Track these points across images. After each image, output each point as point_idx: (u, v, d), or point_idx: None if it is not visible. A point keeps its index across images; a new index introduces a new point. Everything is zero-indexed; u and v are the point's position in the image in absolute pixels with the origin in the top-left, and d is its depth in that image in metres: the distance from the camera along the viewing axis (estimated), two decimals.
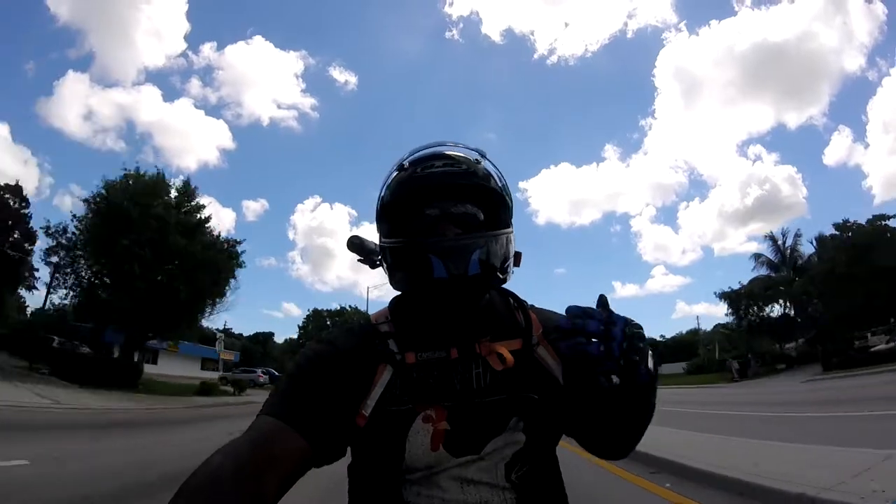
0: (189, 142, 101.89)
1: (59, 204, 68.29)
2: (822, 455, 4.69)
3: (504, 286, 0.87)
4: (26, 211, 26.29)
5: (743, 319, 37.98)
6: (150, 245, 19.91)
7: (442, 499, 0.77)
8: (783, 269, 36.11)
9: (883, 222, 28.53)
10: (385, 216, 0.85)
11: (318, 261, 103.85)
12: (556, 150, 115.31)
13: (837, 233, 30.63)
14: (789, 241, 36.76)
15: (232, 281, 23.90)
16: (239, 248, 24.07)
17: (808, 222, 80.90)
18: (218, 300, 24.10)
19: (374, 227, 0.90)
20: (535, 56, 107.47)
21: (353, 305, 55.31)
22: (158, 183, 22.06)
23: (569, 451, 1.00)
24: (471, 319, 0.83)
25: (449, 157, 0.85)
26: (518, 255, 0.88)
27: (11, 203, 25.60)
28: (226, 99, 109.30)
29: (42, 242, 23.97)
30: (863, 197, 76.40)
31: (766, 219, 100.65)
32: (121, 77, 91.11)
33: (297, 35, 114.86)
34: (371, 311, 0.98)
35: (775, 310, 36.44)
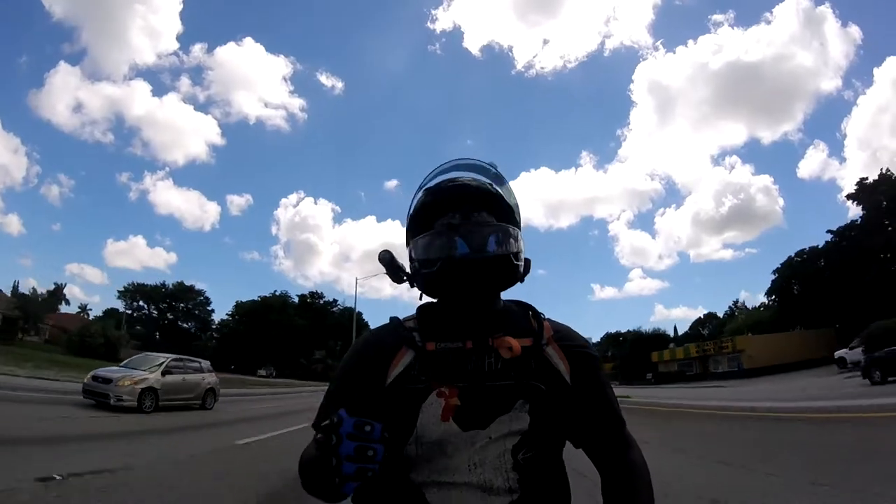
0: (177, 137, 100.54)
1: (46, 193, 66.50)
2: None
3: (521, 300, 1.03)
4: None
5: None
6: None
7: (452, 479, 0.84)
8: None
9: None
10: (417, 221, 1.01)
11: (300, 256, 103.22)
12: (535, 155, 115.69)
13: None
14: None
15: None
16: None
17: (784, 232, 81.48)
18: None
19: (357, 224, 1.02)
20: (514, 71, 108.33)
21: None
22: None
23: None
24: (488, 319, 0.94)
25: (470, 173, 1.04)
26: (528, 262, 0.99)
27: None
28: (215, 97, 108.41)
29: None
30: (838, 209, 77.96)
31: (742, 227, 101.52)
32: (112, 72, 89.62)
33: (286, 41, 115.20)
34: (358, 306, 1.11)
35: None
